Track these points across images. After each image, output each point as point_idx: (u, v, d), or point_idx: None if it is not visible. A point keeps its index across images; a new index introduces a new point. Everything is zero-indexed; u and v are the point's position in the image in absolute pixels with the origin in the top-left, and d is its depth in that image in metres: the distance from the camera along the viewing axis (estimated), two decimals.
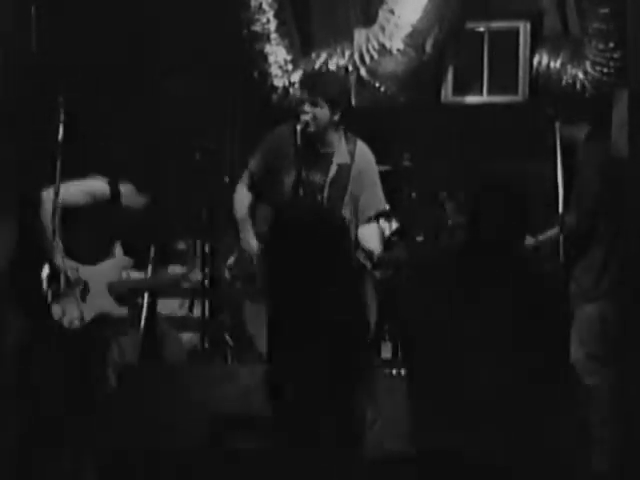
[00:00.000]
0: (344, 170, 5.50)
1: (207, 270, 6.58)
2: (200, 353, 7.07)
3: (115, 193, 5.97)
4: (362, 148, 5.59)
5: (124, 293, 6.03)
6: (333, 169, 5.51)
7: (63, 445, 5.55)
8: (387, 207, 5.54)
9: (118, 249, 6.04)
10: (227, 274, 5.99)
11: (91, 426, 5.58)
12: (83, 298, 5.89)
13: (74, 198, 5.80)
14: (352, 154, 5.54)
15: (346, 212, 5.49)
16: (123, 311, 6.02)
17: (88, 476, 5.50)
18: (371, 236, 5.41)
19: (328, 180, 5.49)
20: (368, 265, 5.33)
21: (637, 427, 5.66)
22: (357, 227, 5.54)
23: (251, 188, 5.64)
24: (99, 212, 5.92)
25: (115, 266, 6.04)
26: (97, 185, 5.94)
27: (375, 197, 5.55)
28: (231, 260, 5.63)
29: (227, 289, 6.81)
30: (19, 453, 5.63)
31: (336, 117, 5.46)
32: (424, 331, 3.96)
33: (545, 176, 6.32)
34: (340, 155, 5.52)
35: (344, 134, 5.58)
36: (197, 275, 6.28)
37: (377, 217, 5.44)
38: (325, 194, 5.51)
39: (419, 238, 6.99)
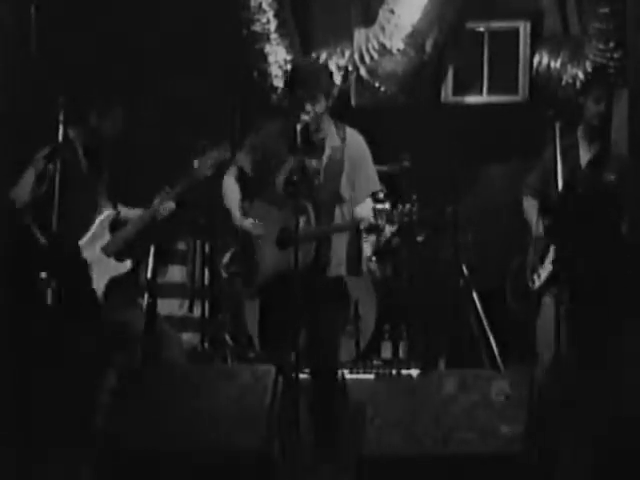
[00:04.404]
0: (337, 152, 5.58)
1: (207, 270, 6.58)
2: (200, 353, 7.08)
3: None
4: (351, 132, 5.67)
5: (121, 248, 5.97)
6: (327, 152, 5.57)
7: (63, 445, 5.55)
8: (380, 188, 5.58)
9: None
10: (223, 272, 5.98)
11: (91, 426, 5.59)
12: None
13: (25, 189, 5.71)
14: (343, 138, 5.60)
15: (345, 192, 5.55)
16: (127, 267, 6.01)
17: (88, 476, 5.50)
18: (365, 208, 5.46)
19: (323, 163, 5.55)
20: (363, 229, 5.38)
21: None
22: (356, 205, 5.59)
23: (239, 180, 5.67)
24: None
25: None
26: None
27: (369, 179, 5.62)
28: (226, 258, 5.62)
29: (225, 288, 6.83)
30: (19, 452, 5.63)
31: (329, 104, 5.53)
32: None
33: None
34: (332, 138, 5.59)
35: (333, 120, 5.64)
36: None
37: (372, 196, 5.50)
38: (321, 177, 5.55)
39: (419, 238, 7.00)
